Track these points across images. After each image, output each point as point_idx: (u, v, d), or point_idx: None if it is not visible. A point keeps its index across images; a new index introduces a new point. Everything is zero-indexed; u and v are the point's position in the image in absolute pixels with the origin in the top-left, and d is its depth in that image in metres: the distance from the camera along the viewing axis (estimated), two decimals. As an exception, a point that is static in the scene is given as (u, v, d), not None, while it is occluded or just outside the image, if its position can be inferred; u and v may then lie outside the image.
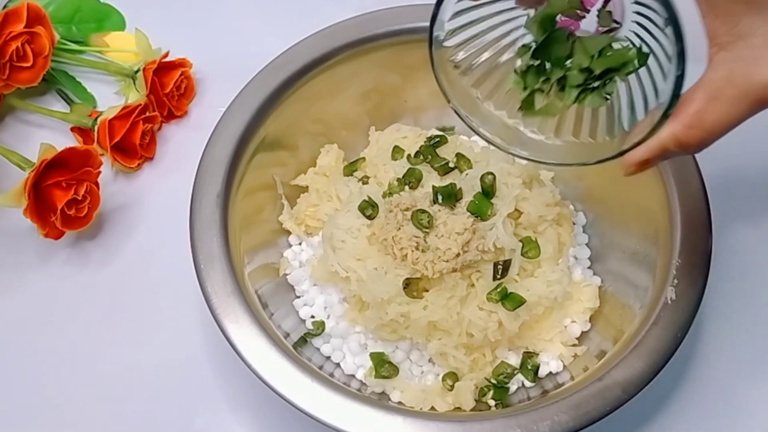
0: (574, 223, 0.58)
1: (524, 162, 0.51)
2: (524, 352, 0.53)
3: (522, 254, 0.52)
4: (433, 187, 0.52)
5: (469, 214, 0.51)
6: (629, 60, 0.41)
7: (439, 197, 0.52)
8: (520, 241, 0.52)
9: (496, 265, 0.50)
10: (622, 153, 0.40)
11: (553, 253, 0.54)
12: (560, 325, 0.54)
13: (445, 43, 0.44)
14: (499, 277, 0.50)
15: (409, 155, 0.57)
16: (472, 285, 0.51)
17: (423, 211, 0.51)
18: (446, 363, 0.52)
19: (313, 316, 0.56)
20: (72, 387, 0.55)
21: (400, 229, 0.51)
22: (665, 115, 0.36)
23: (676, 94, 0.35)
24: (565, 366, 0.53)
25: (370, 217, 0.53)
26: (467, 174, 0.54)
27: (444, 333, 0.51)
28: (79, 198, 0.57)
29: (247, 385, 0.53)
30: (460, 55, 0.45)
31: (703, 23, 0.33)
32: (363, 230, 0.53)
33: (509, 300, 0.50)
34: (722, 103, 0.33)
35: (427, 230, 0.51)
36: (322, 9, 0.70)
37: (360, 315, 0.53)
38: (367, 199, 0.53)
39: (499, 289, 0.50)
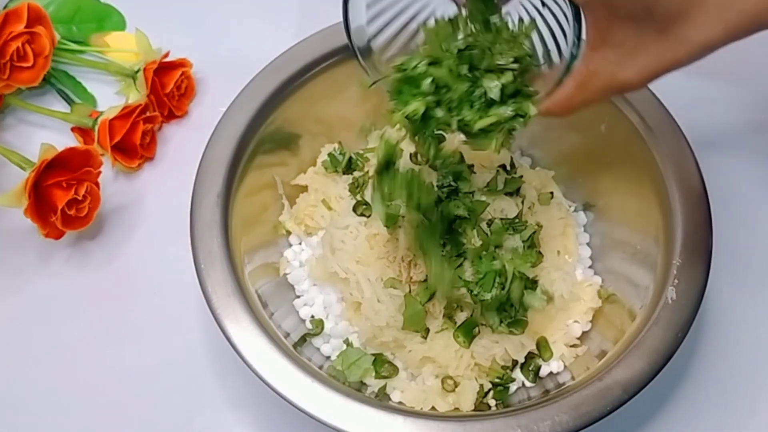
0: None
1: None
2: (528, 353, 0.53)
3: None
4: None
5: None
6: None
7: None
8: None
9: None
10: None
11: (558, 261, 0.55)
12: (564, 326, 0.54)
13: (368, 31, 0.46)
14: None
15: (411, 154, 0.57)
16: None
17: None
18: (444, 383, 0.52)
19: (313, 316, 0.56)
20: (72, 387, 0.55)
21: (410, 248, 0.51)
22: (559, 82, 0.43)
23: (568, 69, 0.43)
24: (565, 366, 0.53)
25: (363, 215, 0.53)
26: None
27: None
28: (80, 198, 0.57)
29: (247, 385, 0.53)
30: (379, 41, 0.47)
31: (585, 30, 0.41)
32: (361, 230, 0.53)
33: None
34: (587, 91, 0.42)
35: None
36: (322, 9, 0.69)
37: (355, 315, 0.53)
38: (359, 199, 0.53)
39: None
